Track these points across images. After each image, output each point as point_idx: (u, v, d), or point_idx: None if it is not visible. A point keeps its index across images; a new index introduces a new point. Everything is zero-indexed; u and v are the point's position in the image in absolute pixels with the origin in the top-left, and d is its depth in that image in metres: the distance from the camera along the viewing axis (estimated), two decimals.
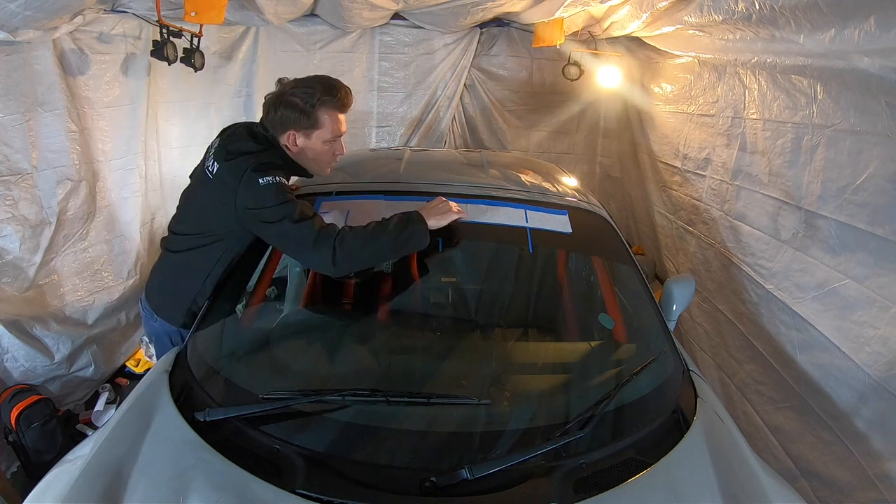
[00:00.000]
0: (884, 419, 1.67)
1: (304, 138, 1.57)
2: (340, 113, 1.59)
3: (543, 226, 1.75)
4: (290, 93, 1.54)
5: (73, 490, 1.13)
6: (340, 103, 1.57)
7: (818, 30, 1.49)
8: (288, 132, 1.57)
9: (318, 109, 1.54)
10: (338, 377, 1.53)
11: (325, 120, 1.56)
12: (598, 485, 1.18)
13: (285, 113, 1.54)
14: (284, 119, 1.54)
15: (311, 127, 1.56)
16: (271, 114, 1.56)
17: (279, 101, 1.54)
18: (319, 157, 1.64)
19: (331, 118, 1.57)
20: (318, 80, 1.57)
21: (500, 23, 3.80)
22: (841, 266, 1.84)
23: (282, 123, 1.55)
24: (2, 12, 1.73)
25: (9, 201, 2.24)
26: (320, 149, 1.61)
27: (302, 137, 1.57)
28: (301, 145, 1.59)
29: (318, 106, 1.53)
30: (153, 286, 1.83)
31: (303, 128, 1.55)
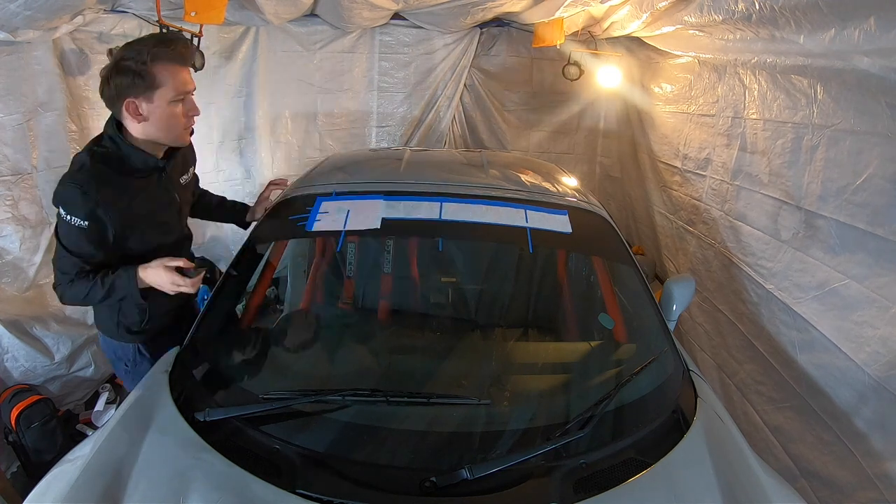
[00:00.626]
0: (884, 419, 1.67)
1: (146, 102, 1.40)
2: (181, 66, 1.44)
3: (543, 226, 1.75)
4: (119, 57, 1.38)
5: (73, 490, 1.13)
6: (177, 54, 1.41)
7: (818, 30, 1.49)
8: (126, 101, 1.39)
9: (153, 66, 1.37)
10: (338, 377, 1.53)
11: (163, 76, 1.39)
12: (598, 485, 1.18)
13: (119, 81, 1.37)
14: (119, 88, 1.38)
15: (150, 87, 1.38)
16: (106, 89, 1.41)
17: (111, 71, 1.38)
18: (171, 122, 1.46)
19: (171, 72, 1.40)
20: (148, 37, 1.44)
21: (500, 23, 3.80)
22: (841, 266, 1.84)
23: (118, 94, 1.38)
24: (2, 12, 1.74)
25: (9, 201, 2.24)
26: (168, 111, 1.43)
27: (143, 103, 1.40)
28: (145, 113, 1.41)
29: (152, 62, 1.37)
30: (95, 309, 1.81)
31: (140, 92, 1.38)
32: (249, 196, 3.49)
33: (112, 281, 1.47)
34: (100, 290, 1.46)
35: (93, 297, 1.48)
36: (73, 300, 1.52)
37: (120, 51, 1.42)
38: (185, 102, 1.48)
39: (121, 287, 1.47)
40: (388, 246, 1.96)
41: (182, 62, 1.44)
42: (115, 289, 1.47)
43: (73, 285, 1.47)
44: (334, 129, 3.88)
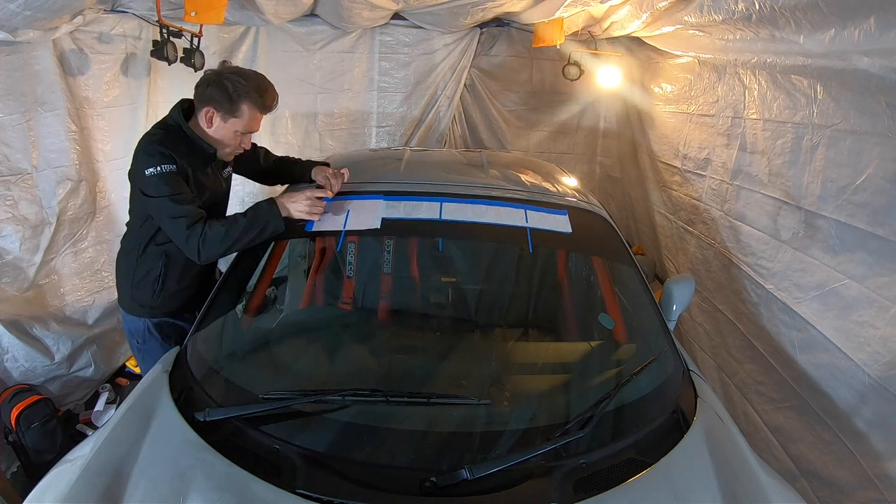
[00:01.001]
0: (884, 419, 1.67)
1: (221, 121, 1.66)
2: (260, 113, 1.69)
3: (543, 226, 1.75)
4: (225, 76, 1.63)
5: (73, 490, 1.13)
6: (264, 105, 1.67)
7: (818, 30, 1.49)
8: (208, 108, 1.65)
9: (243, 101, 1.63)
10: (338, 377, 1.53)
11: (244, 112, 1.65)
12: (598, 485, 1.18)
13: (214, 92, 1.62)
14: (210, 96, 1.63)
15: (230, 113, 1.64)
16: (202, 88, 1.65)
17: (214, 79, 1.63)
18: (225, 142, 1.72)
19: (250, 113, 1.66)
20: (254, 75, 1.67)
21: (500, 23, 3.80)
22: (841, 266, 1.84)
23: (207, 99, 1.64)
24: (2, 12, 1.73)
25: (9, 201, 2.24)
26: (230, 136, 1.70)
27: (219, 119, 1.66)
28: (215, 125, 1.67)
29: (244, 98, 1.63)
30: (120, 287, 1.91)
31: (223, 111, 1.64)
32: (249, 196, 3.50)
33: (254, 210, 1.62)
34: (241, 220, 1.59)
35: (233, 231, 1.58)
36: (212, 243, 1.57)
37: (231, 70, 1.67)
38: (245, 137, 1.74)
39: (264, 213, 1.61)
40: (387, 246, 1.96)
41: (263, 111, 1.69)
42: (258, 215, 1.61)
43: (210, 225, 1.57)
44: (334, 129, 3.88)
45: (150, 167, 1.58)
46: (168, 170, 1.58)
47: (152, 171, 1.57)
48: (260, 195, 3.21)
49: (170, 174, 1.58)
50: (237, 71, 1.66)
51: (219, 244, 1.58)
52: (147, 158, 1.60)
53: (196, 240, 1.57)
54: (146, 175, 1.58)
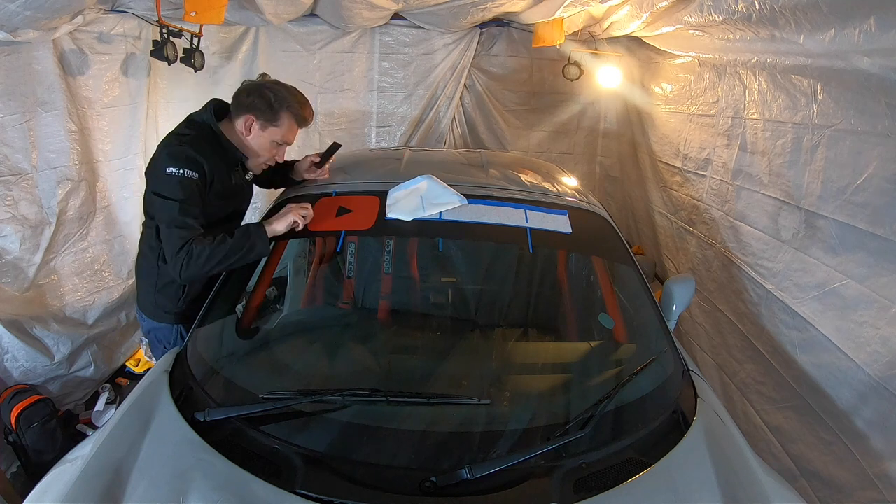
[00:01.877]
0: (884, 419, 1.67)
1: (260, 129, 1.67)
2: (298, 125, 1.72)
3: (543, 226, 1.75)
4: (267, 86, 1.66)
5: (73, 490, 1.13)
6: (302, 117, 1.70)
7: (818, 30, 1.49)
8: (248, 116, 1.66)
9: (283, 111, 1.66)
10: (338, 377, 1.53)
11: (284, 122, 1.68)
12: (598, 485, 1.18)
13: (255, 100, 1.64)
14: (252, 104, 1.64)
15: (270, 122, 1.66)
16: (242, 96, 1.66)
17: (255, 89, 1.66)
18: (260, 153, 1.73)
19: (289, 123, 1.69)
20: (294, 91, 1.71)
21: (500, 23, 3.80)
22: (841, 266, 1.84)
23: (248, 107, 1.65)
24: (2, 12, 1.73)
25: (9, 201, 2.24)
26: (266, 146, 1.71)
27: (258, 127, 1.67)
28: (253, 133, 1.68)
29: (285, 108, 1.66)
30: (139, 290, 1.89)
31: (263, 118, 1.66)
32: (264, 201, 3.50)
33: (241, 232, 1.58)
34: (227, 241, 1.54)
35: (217, 253, 1.53)
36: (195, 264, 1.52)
37: (272, 82, 1.70)
38: (280, 149, 1.76)
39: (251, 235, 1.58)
40: (387, 246, 1.96)
41: (301, 124, 1.73)
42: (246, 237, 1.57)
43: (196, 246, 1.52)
44: (334, 129, 3.88)
45: (173, 166, 1.54)
46: (190, 176, 1.55)
47: (173, 172, 1.54)
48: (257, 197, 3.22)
49: (191, 181, 1.55)
50: (278, 83, 1.69)
51: (202, 265, 1.53)
52: (174, 157, 1.56)
53: (181, 258, 1.52)
54: (166, 173, 1.54)
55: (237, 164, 1.75)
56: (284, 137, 1.71)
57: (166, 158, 1.57)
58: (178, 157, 1.56)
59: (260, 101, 1.63)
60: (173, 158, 1.56)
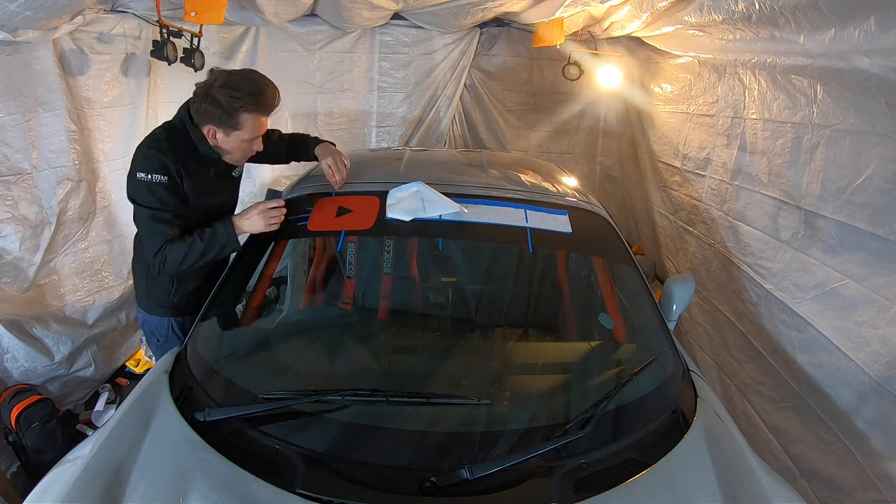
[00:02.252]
0: (884, 419, 1.67)
1: (224, 135, 1.61)
2: (263, 116, 1.62)
3: (543, 226, 1.75)
4: (216, 89, 1.54)
5: (73, 490, 1.13)
6: (264, 108, 1.60)
7: (818, 30, 1.49)
8: (208, 126, 1.60)
9: (241, 113, 1.56)
10: (338, 377, 1.53)
11: (245, 123, 1.59)
12: (598, 485, 1.18)
13: (209, 109, 1.55)
14: (207, 114, 1.57)
15: (232, 128, 1.59)
16: (196, 105, 1.58)
17: (205, 95, 1.55)
18: (237, 152, 1.69)
19: (252, 122, 1.60)
20: (245, 80, 1.57)
21: (500, 23, 3.80)
22: (841, 266, 1.84)
23: (204, 117, 1.58)
24: (2, 12, 1.73)
25: (9, 201, 2.24)
26: (238, 146, 1.66)
27: (221, 134, 1.61)
28: (219, 140, 1.63)
29: (241, 110, 1.56)
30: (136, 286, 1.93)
31: (223, 126, 1.59)
32: (250, 196, 3.49)
33: (210, 233, 1.60)
34: (199, 244, 1.58)
35: (192, 254, 1.58)
36: (172, 265, 1.59)
37: (220, 78, 1.56)
38: (255, 141, 1.68)
39: (220, 235, 1.60)
40: (387, 246, 1.96)
41: (266, 112, 1.62)
42: (214, 238, 1.60)
43: (170, 248, 1.57)
44: (334, 129, 3.88)
45: (142, 171, 1.56)
46: (158, 180, 1.55)
47: (142, 177, 1.56)
48: (259, 195, 3.21)
49: (159, 185, 1.56)
50: (228, 79, 1.56)
51: (176, 265, 1.60)
52: (143, 161, 1.57)
53: (159, 260, 1.59)
54: (136, 178, 1.57)
55: (215, 164, 1.71)
56: (253, 135, 1.64)
57: (137, 162, 1.58)
58: (148, 161, 1.57)
59: (213, 108, 1.55)
60: (142, 163, 1.57)
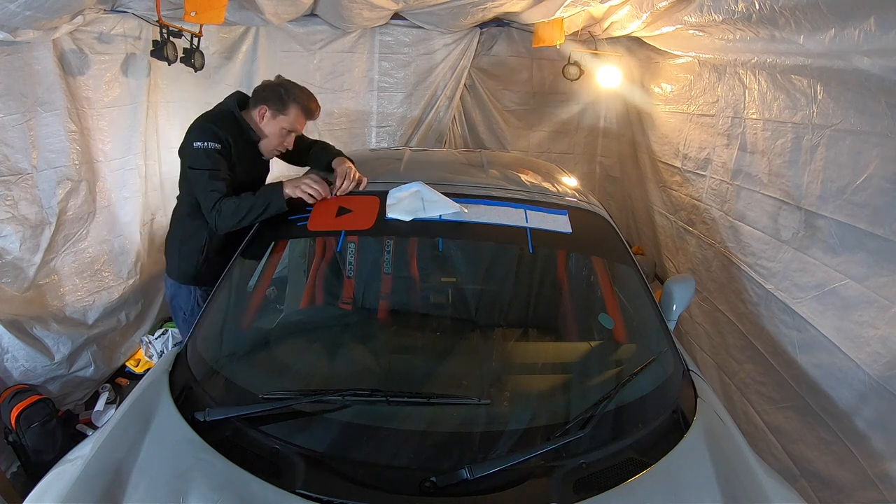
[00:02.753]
0: (884, 419, 1.67)
1: (271, 117, 1.93)
2: (305, 117, 1.96)
3: (543, 226, 1.74)
4: (280, 83, 1.95)
5: (73, 490, 1.13)
6: (308, 109, 1.95)
7: (818, 30, 1.49)
8: (262, 105, 1.92)
9: (292, 103, 1.92)
10: (338, 377, 1.53)
11: (292, 112, 1.93)
12: (598, 485, 1.18)
13: (269, 94, 1.92)
14: (265, 97, 1.92)
15: (280, 111, 1.92)
16: (259, 90, 1.94)
17: (270, 85, 1.95)
18: (272, 138, 1.98)
19: (297, 114, 1.94)
20: (304, 89, 1.97)
21: (500, 23, 3.80)
22: (841, 266, 1.84)
23: (262, 98, 1.92)
24: (2, 12, 1.73)
25: (9, 201, 2.24)
26: (276, 132, 1.96)
27: (269, 115, 1.93)
28: (265, 120, 1.94)
29: (294, 101, 1.92)
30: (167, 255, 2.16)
31: (274, 108, 1.91)
32: None
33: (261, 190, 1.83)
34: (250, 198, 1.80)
35: (242, 208, 1.79)
36: (226, 218, 1.80)
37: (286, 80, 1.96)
38: (289, 137, 2.00)
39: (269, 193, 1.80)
40: (387, 246, 1.96)
41: (308, 116, 1.98)
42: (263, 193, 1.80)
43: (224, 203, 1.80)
44: (334, 129, 3.88)
45: (199, 141, 1.83)
46: (213, 147, 1.83)
47: (199, 145, 1.82)
48: None
49: (214, 151, 1.83)
50: (291, 82, 1.95)
51: (230, 217, 1.80)
52: (199, 133, 1.85)
53: (215, 213, 1.81)
54: (194, 147, 1.82)
55: (254, 145, 1.99)
56: (293, 125, 1.95)
57: (194, 134, 1.86)
58: (203, 131, 1.85)
59: (272, 94, 1.90)
60: (199, 133, 1.85)
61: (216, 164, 1.84)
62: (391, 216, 1.71)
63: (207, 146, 1.83)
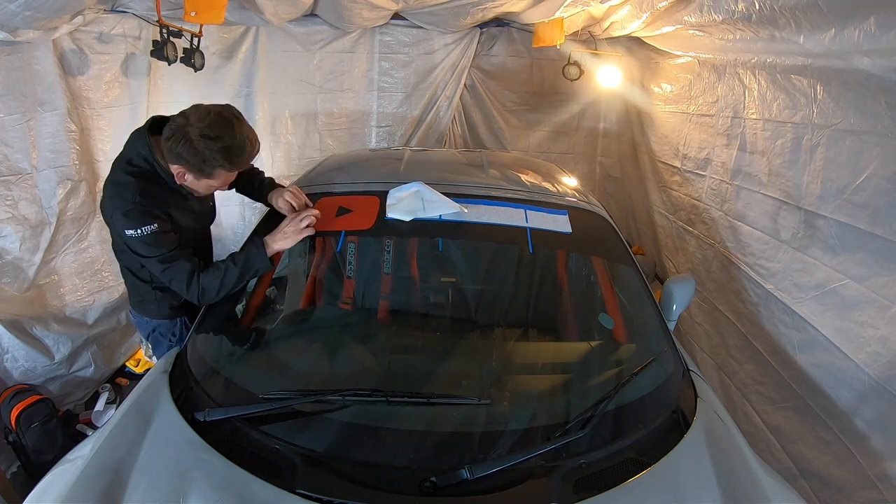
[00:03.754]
0: (884, 419, 1.67)
1: (194, 179, 1.59)
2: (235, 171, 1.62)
3: (543, 226, 1.74)
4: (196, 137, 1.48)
5: (73, 490, 1.13)
6: (238, 165, 1.59)
7: (818, 30, 1.49)
8: (179, 168, 1.56)
9: (215, 168, 1.55)
10: (338, 377, 1.53)
11: (218, 177, 1.60)
12: (598, 485, 1.18)
13: (184, 152, 1.50)
14: (181, 157, 1.52)
15: (203, 176, 1.58)
16: (172, 145, 1.51)
17: (183, 137, 1.49)
18: (201, 191, 1.69)
19: (224, 176, 1.61)
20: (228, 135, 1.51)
21: (500, 23, 3.80)
22: (841, 266, 1.84)
23: (177, 159, 1.53)
24: (2, 12, 1.73)
25: (9, 201, 2.24)
26: (205, 189, 1.67)
27: (191, 177, 1.58)
28: (188, 181, 1.60)
29: (216, 166, 1.54)
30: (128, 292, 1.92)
31: (195, 172, 1.56)
32: (249, 207, 3.50)
33: (244, 258, 1.63)
34: (234, 270, 1.61)
35: (228, 281, 1.61)
36: (210, 294, 1.61)
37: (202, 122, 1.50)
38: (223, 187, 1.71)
39: (254, 260, 1.62)
40: (387, 246, 1.96)
41: (243, 168, 1.64)
42: (249, 263, 1.62)
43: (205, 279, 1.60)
44: (334, 129, 3.88)
45: (130, 230, 1.53)
46: (151, 231, 1.53)
47: (133, 234, 1.53)
48: None
49: (153, 234, 1.54)
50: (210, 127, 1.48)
51: (215, 294, 1.62)
52: (127, 222, 1.53)
53: (195, 292, 1.61)
54: (128, 236, 1.54)
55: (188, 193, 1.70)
56: (223, 184, 1.66)
57: (121, 223, 1.55)
58: (132, 219, 1.53)
59: (190, 155, 1.50)
60: (127, 223, 1.53)
61: (163, 244, 1.56)
62: (391, 216, 1.71)
63: (143, 232, 1.53)
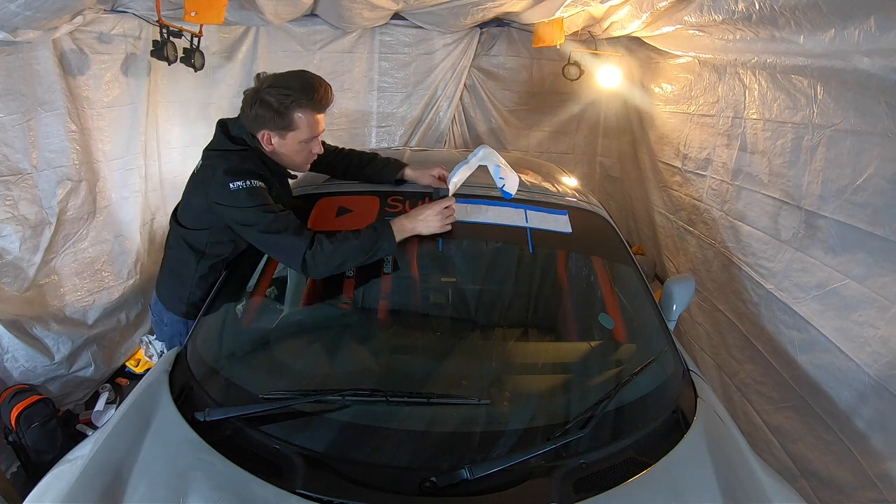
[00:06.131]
0: (884, 419, 1.67)
1: (279, 139, 1.54)
2: (318, 113, 1.55)
3: (543, 226, 1.74)
4: (265, 91, 1.48)
5: (73, 490, 1.13)
6: (318, 104, 1.52)
7: (818, 30, 1.49)
8: (263, 131, 1.53)
9: (294, 111, 1.49)
10: (338, 377, 1.53)
11: (300, 121, 1.52)
12: (598, 485, 1.18)
13: (260, 112, 1.49)
14: (259, 118, 1.50)
15: (286, 128, 1.52)
16: (247, 111, 1.52)
17: (254, 99, 1.49)
18: (295, 156, 1.61)
19: (307, 119, 1.53)
20: (296, 78, 1.50)
21: (500, 23, 3.80)
22: (841, 266, 1.84)
23: (256, 122, 1.52)
24: (2, 12, 1.73)
25: (9, 201, 2.24)
26: (296, 148, 1.58)
27: (277, 137, 1.54)
28: (276, 145, 1.56)
29: (294, 107, 1.49)
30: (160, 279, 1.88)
31: (277, 128, 1.52)
32: None
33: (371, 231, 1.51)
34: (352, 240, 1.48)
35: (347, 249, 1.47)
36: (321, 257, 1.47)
37: (268, 83, 1.49)
38: (313, 142, 1.60)
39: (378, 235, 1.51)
40: None
41: (321, 109, 1.54)
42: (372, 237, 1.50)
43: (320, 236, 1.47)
44: (334, 129, 3.88)
45: (237, 181, 1.45)
46: (257, 185, 1.48)
47: (240, 185, 1.45)
48: None
49: (260, 188, 1.48)
50: (277, 78, 1.50)
51: (326, 259, 1.48)
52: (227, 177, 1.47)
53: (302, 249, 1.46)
54: (232, 189, 1.45)
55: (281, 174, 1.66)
56: (310, 134, 1.56)
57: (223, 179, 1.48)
58: (237, 174, 1.48)
59: (264, 111, 1.48)
60: (233, 176, 1.47)
61: (267, 198, 1.50)
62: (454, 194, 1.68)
63: (252, 183, 1.46)
